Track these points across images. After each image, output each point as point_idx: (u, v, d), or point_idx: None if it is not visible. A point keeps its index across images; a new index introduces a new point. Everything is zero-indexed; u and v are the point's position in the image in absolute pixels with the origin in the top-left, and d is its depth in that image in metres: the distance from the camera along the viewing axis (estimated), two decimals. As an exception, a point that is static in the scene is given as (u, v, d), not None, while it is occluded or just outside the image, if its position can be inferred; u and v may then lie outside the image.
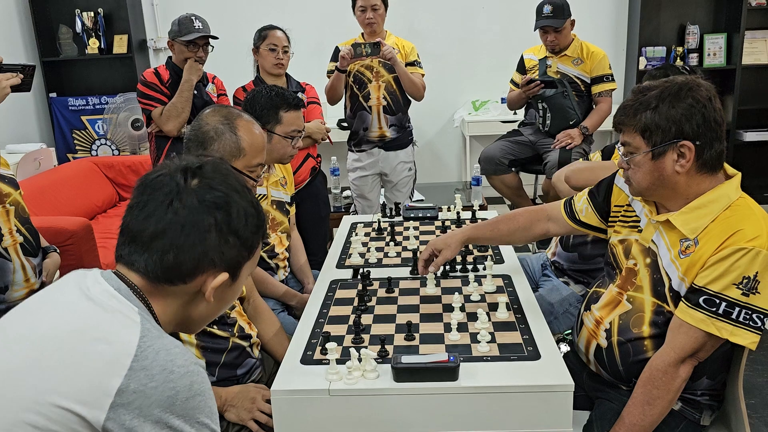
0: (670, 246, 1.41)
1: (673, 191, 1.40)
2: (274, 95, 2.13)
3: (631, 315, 1.47)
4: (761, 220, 1.34)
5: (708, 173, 1.38)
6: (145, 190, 0.97)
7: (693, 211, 1.38)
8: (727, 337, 1.31)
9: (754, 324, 1.31)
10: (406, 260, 2.04)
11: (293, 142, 2.15)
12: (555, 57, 3.39)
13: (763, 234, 1.31)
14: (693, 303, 1.34)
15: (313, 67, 4.05)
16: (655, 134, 1.35)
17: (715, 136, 1.35)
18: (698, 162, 1.36)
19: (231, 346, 1.59)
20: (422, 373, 1.32)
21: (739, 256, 1.30)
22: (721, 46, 4.98)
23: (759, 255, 1.29)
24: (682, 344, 1.35)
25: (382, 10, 3.18)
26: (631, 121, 1.38)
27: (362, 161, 3.36)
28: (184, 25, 2.80)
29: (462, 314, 1.60)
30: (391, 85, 3.22)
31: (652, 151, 1.36)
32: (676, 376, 1.36)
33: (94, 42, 4.92)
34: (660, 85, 1.37)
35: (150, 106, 2.85)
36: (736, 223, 1.33)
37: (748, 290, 1.29)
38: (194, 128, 1.55)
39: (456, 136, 5.35)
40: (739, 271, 1.29)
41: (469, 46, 5.15)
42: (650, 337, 1.44)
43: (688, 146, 1.34)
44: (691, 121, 1.33)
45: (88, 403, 0.82)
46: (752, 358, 2.68)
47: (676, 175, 1.37)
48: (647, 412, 1.38)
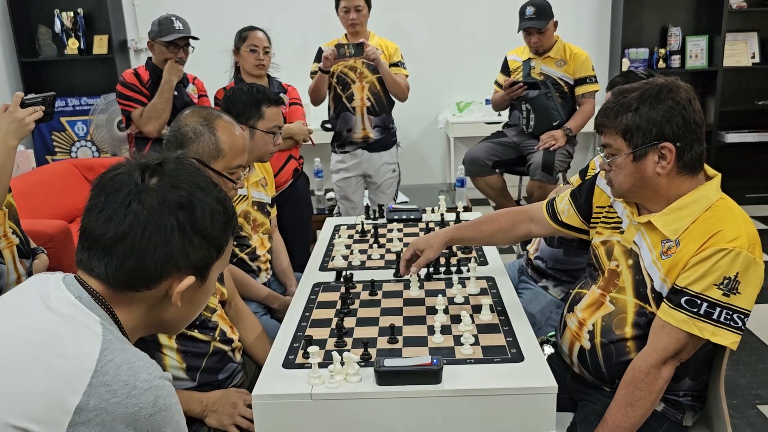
0: (652, 247, 1.41)
1: (654, 193, 1.40)
2: (255, 91, 2.13)
3: (614, 316, 1.47)
4: (741, 221, 1.35)
5: (688, 174, 1.39)
6: (102, 190, 0.91)
7: (674, 212, 1.39)
8: (709, 338, 1.32)
9: (734, 324, 1.31)
10: (390, 262, 2.02)
11: (275, 138, 2.14)
12: (538, 58, 3.40)
13: (742, 235, 1.32)
14: (675, 304, 1.34)
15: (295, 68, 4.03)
16: (636, 136, 1.36)
17: (695, 138, 1.36)
18: (679, 163, 1.37)
19: (212, 350, 1.56)
20: (405, 377, 1.31)
21: (719, 257, 1.30)
22: (703, 48, 5.03)
23: (739, 256, 1.29)
24: (664, 345, 1.35)
25: (365, 10, 3.17)
26: (612, 123, 1.38)
27: (346, 162, 3.34)
28: (164, 25, 2.76)
29: (445, 317, 1.59)
30: (374, 86, 3.20)
31: (633, 153, 1.37)
32: (658, 377, 1.36)
33: (74, 42, 4.86)
34: (640, 87, 1.38)
35: (129, 108, 2.82)
36: (717, 224, 1.34)
37: (728, 291, 1.30)
38: (173, 129, 1.53)
39: (440, 137, 5.35)
40: (720, 271, 1.30)
41: (453, 47, 5.16)
42: (633, 339, 1.44)
43: (668, 148, 1.34)
44: (671, 122, 1.33)
45: (45, 422, 0.77)
46: (734, 359, 2.70)
47: (657, 177, 1.37)
48: (630, 414, 1.38)
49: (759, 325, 2.99)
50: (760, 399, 2.42)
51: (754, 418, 2.31)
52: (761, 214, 4.65)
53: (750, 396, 2.44)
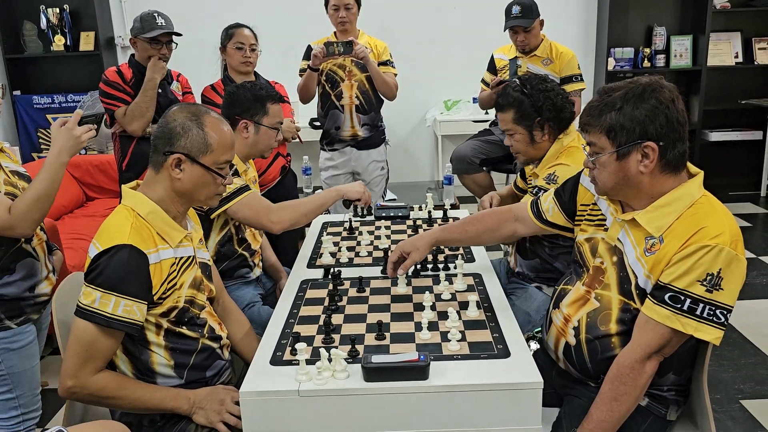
0: (636, 244, 1.43)
1: (637, 191, 1.42)
2: (258, 88, 2.16)
3: (599, 312, 1.49)
4: (723, 218, 1.37)
5: (672, 173, 1.41)
6: None
7: (657, 209, 1.40)
8: (692, 333, 1.34)
9: (717, 320, 1.33)
10: (378, 260, 2.03)
11: (277, 134, 2.18)
12: (525, 57, 3.42)
13: (725, 231, 1.33)
14: (659, 300, 1.36)
15: (283, 65, 4.03)
16: (619, 135, 1.37)
17: (678, 137, 1.37)
18: (662, 162, 1.38)
19: (200, 347, 1.57)
20: (392, 373, 1.32)
21: (702, 254, 1.32)
22: (687, 48, 5.08)
23: (722, 252, 1.31)
24: (648, 341, 1.37)
25: (355, 9, 3.17)
26: (597, 122, 1.40)
27: (334, 160, 3.35)
28: (146, 21, 2.74)
29: (433, 313, 1.60)
30: (363, 84, 3.21)
31: (617, 152, 1.38)
32: (642, 372, 1.38)
33: (60, 39, 4.82)
34: (625, 86, 1.39)
35: (113, 106, 2.79)
36: (700, 221, 1.36)
37: (711, 287, 1.32)
38: (161, 125, 1.53)
39: (428, 135, 5.37)
40: (703, 268, 1.32)
41: (441, 46, 5.17)
42: (617, 335, 1.45)
43: (651, 147, 1.36)
44: (654, 122, 1.35)
45: None
46: (718, 354, 2.74)
47: (640, 175, 1.39)
48: (615, 408, 1.39)
49: (742, 321, 3.03)
50: (743, 394, 2.46)
51: (736, 412, 2.35)
52: (744, 212, 4.71)
53: (733, 391, 2.48)
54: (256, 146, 2.16)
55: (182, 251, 1.54)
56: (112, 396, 1.43)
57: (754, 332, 2.93)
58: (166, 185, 1.52)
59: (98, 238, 1.45)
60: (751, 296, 3.31)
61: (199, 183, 1.53)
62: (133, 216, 1.47)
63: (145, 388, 1.47)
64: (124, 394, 1.44)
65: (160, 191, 1.52)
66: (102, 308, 1.38)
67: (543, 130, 2.05)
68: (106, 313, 1.38)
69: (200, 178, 1.52)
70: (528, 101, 2.03)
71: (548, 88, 2.05)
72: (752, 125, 5.19)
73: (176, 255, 1.52)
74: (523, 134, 2.07)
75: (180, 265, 1.52)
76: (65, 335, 1.52)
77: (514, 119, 2.07)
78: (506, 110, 2.09)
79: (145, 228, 1.47)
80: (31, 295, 1.75)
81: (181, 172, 1.50)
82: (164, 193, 1.52)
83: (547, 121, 2.03)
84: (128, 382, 1.46)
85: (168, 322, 1.50)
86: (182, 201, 1.55)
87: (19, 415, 1.76)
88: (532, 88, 2.04)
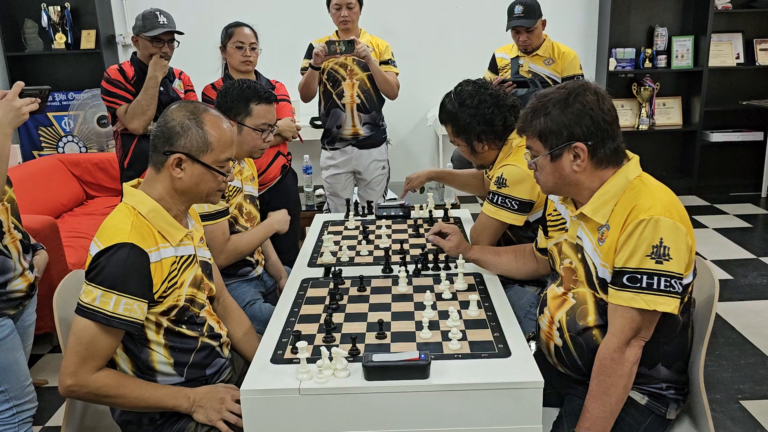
0: (591, 237, 1.48)
1: (576, 188, 1.49)
2: (246, 88, 2.13)
3: (576, 309, 1.52)
4: (655, 191, 1.42)
5: (609, 167, 1.47)
6: None
7: (599, 198, 1.47)
8: (655, 308, 1.36)
9: (674, 290, 1.36)
10: (378, 259, 2.03)
11: (263, 135, 2.14)
12: (527, 57, 3.42)
13: (656, 203, 1.38)
14: (619, 285, 1.39)
15: (285, 64, 4.03)
16: (550, 138, 1.46)
17: (608, 135, 1.44)
18: (593, 160, 1.45)
19: (200, 345, 1.56)
20: (393, 372, 1.32)
21: (641, 229, 1.36)
22: (689, 48, 5.08)
23: (658, 222, 1.35)
24: (621, 327, 1.40)
25: (357, 8, 3.17)
26: (530, 127, 1.49)
27: (335, 159, 3.35)
28: (148, 20, 2.74)
29: (433, 312, 1.60)
30: (365, 83, 3.21)
31: (550, 154, 1.47)
32: (623, 360, 1.40)
33: (61, 37, 4.82)
34: (553, 92, 1.48)
35: (114, 104, 2.79)
36: (632, 201, 1.41)
37: (660, 258, 1.35)
38: (160, 124, 1.52)
39: (429, 134, 5.37)
40: (647, 242, 1.35)
41: (443, 45, 5.17)
42: (597, 327, 1.48)
43: (581, 147, 1.43)
44: (580, 124, 1.43)
45: None
46: (717, 354, 2.75)
47: (574, 174, 1.46)
48: (606, 402, 1.40)
49: (742, 321, 3.03)
50: (742, 394, 2.46)
51: (735, 412, 2.35)
52: (744, 213, 4.71)
53: (732, 390, 2.48)
54: (240, 146, 2.10)
55: (183, 250, 1.54)
56: (112, 394, 1.43)
57: (754, 332, 2.93)
58: (167, 184, 1.52)
59: (99, 237, 1.45)
60: (751, 296, 3.31)
61: (200, 181, 1.53)
62: (134, 214, 1.47)
63: (145, 387, 1.47)
64: (123, 392, 1.44)
65: (161, 190, 1.52)
66: (103, 307, 1.38)
67: (481, 141, 2.05)
68: (106, 311, 1.38)
69: (201, 176, 1.52)
70: (459, 116, 2.04)
71: (477, 102, 2.00)
72: (753, 126, 5.19)
73: (177, 254, 1.52)
74: (464, 146, 2.10)
75: (181, 263, 1.52)
76: (66, 333, 1.52)
77: (453, 133, 2.10)
78: (445, 124, 2.13)
79: (145, 226, 1.47)
80: (3, 291, 1.75)
81: (182, 172, 1.50)
82: (165, 191, 1.52)
83: (480, 134, 2.03)
84: (128, 381, 1.46)
85: (168, 321, 1.50)
86: (183, 199, 1.55)
87: (11, 407, 1.76)
88: (460, 105, 2.03)
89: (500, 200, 1.93)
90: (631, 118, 5.28)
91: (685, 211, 1.43)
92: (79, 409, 1.62)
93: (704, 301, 1.56)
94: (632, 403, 1.48)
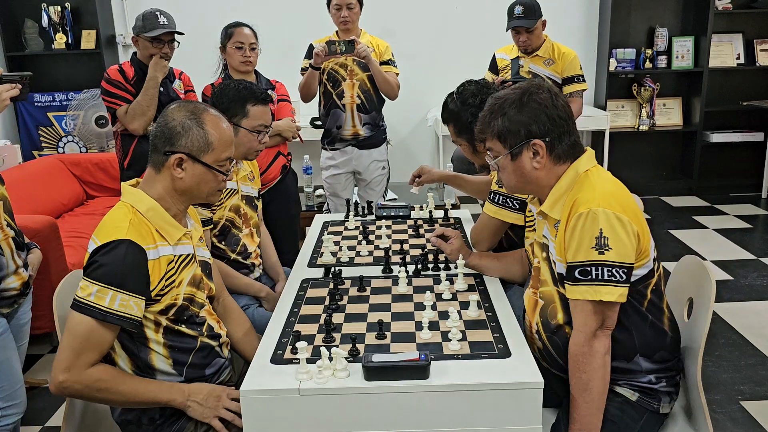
0: (552, 234, 1.51)
1: (537, 185, 1.53)
2: (242, 89, 2.11)
3: (546, 308, 1.55)
4: (595, 183, 1.45)
5: (567, 162, 1.50)
6: None
7: (554, 194, 1.51)
8: (600, 299, 1.38)
9: (615, 278, 1.38)
10: (378, 259, 2.03)
11: (260, 137, 2.13)
12: (527, 57, 3.42)
13: (595, 195, 1.41)
14: (573, 280, 1.42)
15: (285, 64, 4.03)
16: (509, 138, 1.50)
17: (564, 131, 1.48)
18: (552, 155, 1.49)
19: (199, 345, 1.56)
20: (393, 372, 1.32)
21: (582, 223, 1.39)
22: (689, 49, 5.08)
23: (596, 215, 1.38)
24: (584, 321, 1.41)
25: (357, 8, 3.17)
26: (488, 129, 1.53)
27: (335, 159, 3.35)
28: (148, 20, 2.74)
29: (433, 312, 1.60)
30: (365, 83, 3.21)
31: (510, 153, 1.51)
32: (593, 352, 1.40)
33: (61, 37, 4.82)
34: (507, 94, 1.52)
35: (115, 105, 2.79)
36: (573, 196, 1.46)
37: (603, 248, 1.38)
38: (160, 124, 1.52)
39: (429, 135, 5.37)
40: (589, 234, 1.38)
41: (443, 45, 5.17)
42: (567, 324, 1.49)
43: (539, 144, 1.47)
44: (537, 122, 1.47)
45: None
46: (718, 354, 2.74)
47: (535, 171, 1.50)
48: (588, 399, 1.41)
49: (742, 322, 3.03)
50: (742, 395, 2.46)
51: (736, 413, 2.35)
52: (745, 213, 4.71)
53: (732, 391, 2.48)
54: (237, 148, 2.04)
55: (181, 249, 1.54)
56: (106, 388, 1.42)
57: (754, 333, 2.93)
58: (167, 184, 1.52)
59: (97, 234, 1.45)
60: (751, 297, 3.31)
61: (201, 181, 1.53)
62: (132, 212, 1.47)
63: (140, 382, 1.47)
64: (118, 387, 1.43)
65: (161, 189, 1.52)
66: (98, 302, 1.38)
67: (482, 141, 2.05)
68: (102, 306, 1.38)
69: (202, 176, 1.53)
70: (461, 115, 2.04)
71: (480, 102, 1.98)
72: (753, 127, 5.19)
73: (175, 252, 1.52)
74: (466, 145, 2.10)
75: (179, 262, 1.52)
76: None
77: (455, 132, 2.11)
78: (447, 124, 2.13)
79: (144, 224, 1.47)
80: None
81: (183, 172, 1.50)
82: (165, 191, 1.52)
83: None
84: (123, 376, 1.46)
85: (167, 320, 1.50)
86: (183, 199, 1.55)
87: None
88: (462, 104, 2.04)
89: (501, 200, 1.94)
90: (632, 119, 5.29)
91: (631, 200, 1.46)
92: (79, 409, 1.62)
93: (702, 302, 1.56)
94: (626, 401, 1.49)
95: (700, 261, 1.63)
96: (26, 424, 2.42)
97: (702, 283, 1.57)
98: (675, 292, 1.72)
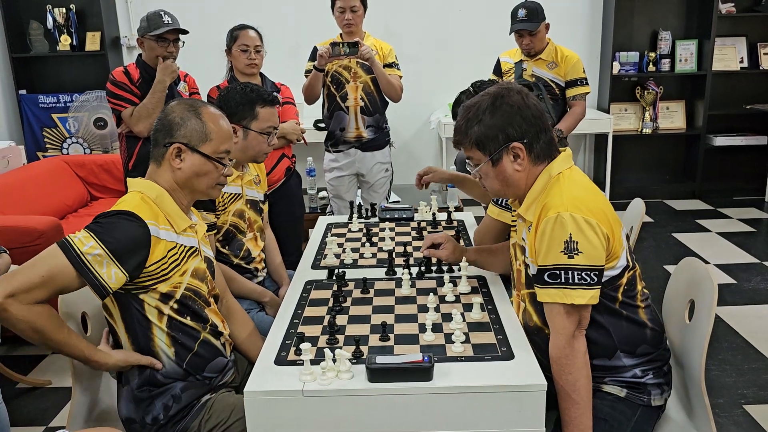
0: (528, 236, 1.51)
1: (518, 187, 1.54)
2: (249, 91, 2.12)
3: (526, 311, 1.56)
4: (564, 187, 1.46)
5: (544, 162, 1.51)
6: None
7: (529, 197, 1.52)
8: (572, 302, 1.39)
9: (585, 281, 1.39)
10: (382, 261, 2.04)
11: (269, 138, 2.14)
12: (530, 60, 3.42)
13: (563, 200, 1.42)
14: (543, 283, 1.43)
15: (289, 67, 4.04)
16: (488, 144, 1.50)
17: (539, 129, 1.50)
18: (531, 156, 1.50)
19: (202, 339, 1.57)
20: (397, 374, 1.32)
21: (550, 228, 1.40)
22: (693, 52, 5.08)
23: (565, 219, 1.39)
24: (561, 324, 1.42)
25: (361, 11, 3.17)
26: (465, 138, 1.53)
27: (339, 161, 3.35)
28: (152, 20, 2.75)
29: (437, 315, 1.61)
30: (368, 85, 3.21)
31: (490, 159, 1.51)
32: (574, 352, 1.42)
33: (66, 39, 4.84)
34: (479, 101, 1.51)
35: (120, 107, 2.79)
36: (543, 200, 1.47)
37: (572, 253, 1.39)
38: (160, 119, 1.56)
39: (432, 137, 5.37)
40: (558, 239, 1.40)
41: (446, 48, 5.18)
42: (544, 324, 1.50)
43: (518, 146, 1.48)
44: (512, 124, 1.47)
45: None
46: (721, 358, 2.74)
47: (517, 174, 1.51)
48: (577, 400, 1.41)
49: (745, 326, 3.03)
50: (746, 399, 2.46)
51: (739, 417, 2.34)
52: (748, 217, 4.70)
53: (736, 396, 2.48)
54: (246, 152, 2.10)
55: (186, 240, 1.56)
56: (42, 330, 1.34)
57: (758, 337, 2.92)
58: (168, 177, 1.55)
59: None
60: (755, 301, 3.30)
61: (200, 172, 1.56)
62: (141, 197, 1.51)
63: (74, 335, 1.42)
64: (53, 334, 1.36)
65: (163, 184, 1.55)
66: (84, 252, 1.36)
67: None
68: (86, 260, 1.36)
69: (201, 167, 1.55)
70: None
71: None
72: (757, 130, 5.19)
73: (180, 242, 1.53)
74: None
75: (182, 252, 1.53)
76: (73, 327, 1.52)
77: None
78: None
79: (154, 206, 1.50)
80: None
81: (181, 162, 1.54)
82: (167, 185, 1.55)
83: None
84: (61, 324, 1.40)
85: (170, 310, 1.50)
86: (184, 192, 1.58)
87: None
88: None
89: (504, 201, 1.94)
90: (635, 122, 5.28)
91: (600, 203, 1.46)
92: (84, 408, 1.62)
93: (703, 304, 1.55)
94: (616, 398, 1.50)
95: (700, 262, 1.62)
96: (30, 425, 2.42)
97: (702, 284, 1.57)
98: (675, 295, 1.71)
